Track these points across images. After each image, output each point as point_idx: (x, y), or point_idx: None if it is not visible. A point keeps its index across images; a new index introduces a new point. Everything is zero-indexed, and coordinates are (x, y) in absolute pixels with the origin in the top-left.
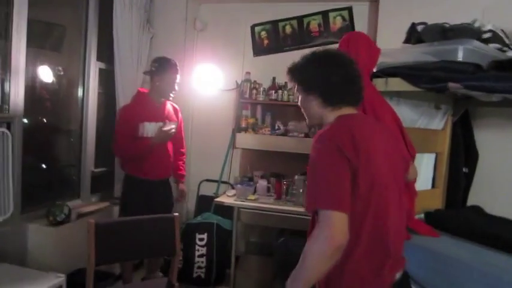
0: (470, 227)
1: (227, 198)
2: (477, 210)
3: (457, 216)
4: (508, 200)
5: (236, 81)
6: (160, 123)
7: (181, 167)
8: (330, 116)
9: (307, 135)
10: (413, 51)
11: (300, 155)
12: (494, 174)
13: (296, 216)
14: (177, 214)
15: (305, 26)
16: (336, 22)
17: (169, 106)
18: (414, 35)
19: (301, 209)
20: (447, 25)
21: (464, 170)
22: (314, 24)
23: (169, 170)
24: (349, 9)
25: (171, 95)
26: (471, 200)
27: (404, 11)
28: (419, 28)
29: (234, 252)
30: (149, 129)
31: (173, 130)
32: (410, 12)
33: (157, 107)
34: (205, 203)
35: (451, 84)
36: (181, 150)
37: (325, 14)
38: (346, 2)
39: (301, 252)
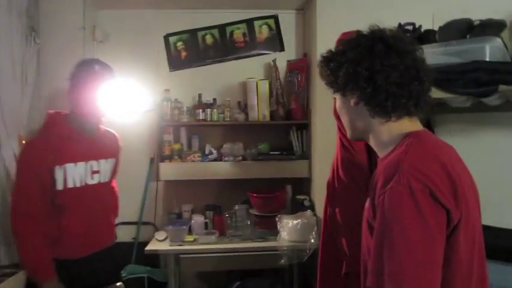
0: None
1: (159, 244)
2: None
3: None
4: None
5: (154, 101)
6: (94, 163)
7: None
8: (384, 130)
9: (244, 158)
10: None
11: (238, 181)
12: None
13: (247, 254)
14: (119, 284)
15: (228, 35)
16: (262, 31)
17: (106, 134)
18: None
19: (251, 245)
20: (478, 21)
21: None
22: (238, 33)
23: (113, 232)
24: (275, 18)
25: (96, 115)
26: None
27: (343, 18)
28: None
29: None
30: (75, 174)
31: None
32: (350, 18)
33: (87, 137)
34: (122, 251)
35: (502, 87)
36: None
37: (249, 22)
38: (271, 10)
39: None
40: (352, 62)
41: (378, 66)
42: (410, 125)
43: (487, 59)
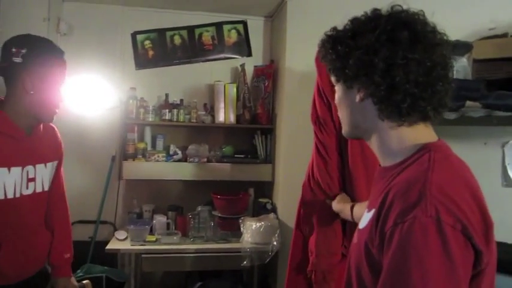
0: None
1: (120, 244)
2: None
3: None
4: None
5: (119, 99)
6: (30, 169)
7: (60, 246)
8: (394, 136)
9: (209, 160)
10: None
11: (202, 183)
12: None
13: (209, 255)
14: (86, 281)
15: (197, 37)
16: (231, 36)
17: (46, 131)
18: None
19: (214, 246)
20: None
21: None
22: (207, 36)
23: (44, 257)
24: (244, 24)
25: (56, 111)
26: None
27: (313, 27)
28: None
29: None
30: (8, 182)
31: None
32: (320, 28)
33: (25, 136)
34: (78, 251)
35: (469, 103)
36: (61, 212)
37: (218, 26)
38: (240, 15)
39: None
40: (367, 49)
41: (399, 58)
42: (426, 133)
43: (454, 77)
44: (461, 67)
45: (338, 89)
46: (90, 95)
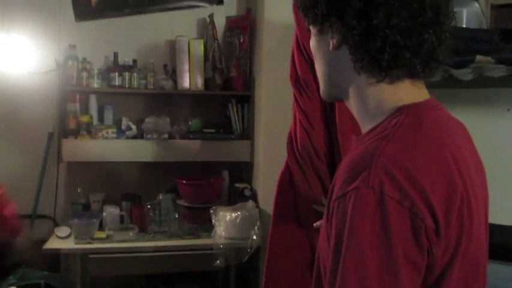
0: None
1: (61, 242)
2: None
3: None
4: None
5: (56, 60)
6: None
7: None
8: (372, 95)
9: (171, 136)
10: None
11: (163, 165)
12: None
13: (173, 254)
14: None
15: None
16: None
17: None
18: None
19: (179, 243)
20: None
21: None
22: None
23: None
24: None
25: None
26: None
27: None
28: None
29: None
30: None
31: None
32: None
33: None
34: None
35: (480, 58)
36: None
37: None
38: None
39: None
40: None
41: None
42: (412, 93)
43: (464, 26)
44: (472, 13)
45: (312, 36)
46: (17, 55)
